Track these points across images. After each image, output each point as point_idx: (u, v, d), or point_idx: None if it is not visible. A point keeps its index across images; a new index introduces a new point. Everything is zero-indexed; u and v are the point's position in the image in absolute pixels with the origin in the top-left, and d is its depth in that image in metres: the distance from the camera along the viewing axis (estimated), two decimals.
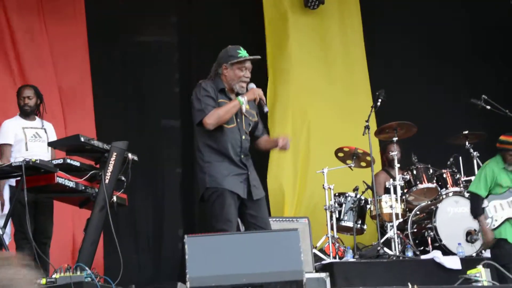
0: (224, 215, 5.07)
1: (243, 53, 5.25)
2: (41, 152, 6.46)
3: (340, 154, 8.01)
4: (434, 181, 7.77)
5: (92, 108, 8.10)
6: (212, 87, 5.21)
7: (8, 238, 6.21)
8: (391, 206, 7.52)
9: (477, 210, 6.54)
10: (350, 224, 7.64)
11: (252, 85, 5.32)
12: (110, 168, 5.79)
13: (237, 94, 5.30)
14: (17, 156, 6.36)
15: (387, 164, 8.29)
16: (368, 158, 7.79)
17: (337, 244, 7.43)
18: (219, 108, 5.15)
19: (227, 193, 5.11)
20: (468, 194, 6.94)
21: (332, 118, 8.95)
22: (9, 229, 6.28)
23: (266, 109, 5.32)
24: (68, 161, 5.73)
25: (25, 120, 6.65)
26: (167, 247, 8.47)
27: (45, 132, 6.67)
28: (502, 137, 6.57)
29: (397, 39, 9.43)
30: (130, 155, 5.93)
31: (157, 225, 8.55)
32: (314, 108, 8.92)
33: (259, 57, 5.43)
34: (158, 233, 8.53)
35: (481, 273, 5.54)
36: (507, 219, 6.41)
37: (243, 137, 5.26)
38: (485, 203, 6.51)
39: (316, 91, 9.02)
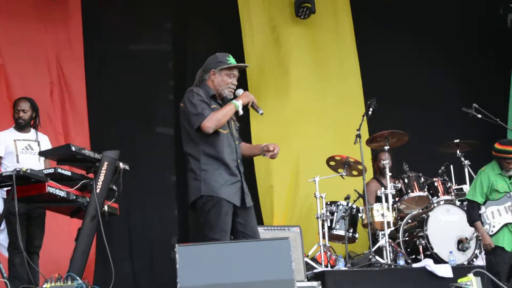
0: (219, 225, 5.04)
1: (232, 60, 5.29)
2: (32, 165, 6.41)
3: (332, 163, 8.03)
4: (426, 190, 7.78)
5: (86, 115, 8.10)
6: (204, 93, 5.21)
7: (5, 249, 6.24)
8: (382, 215, 7.53)
9: (473, 216, 6.55)
10: (341, 232, 7.65)
11: (241, 90, 5.33)
12: (101, 177, 5.80)
13: (223, 100, 5.30)
14: (8, 167, 6.34)
15: (378, 172, 8.30)
16: (360, 166, 7.80)
17: (328, 253, 7.44)
18: (216, 112, 5.14)
19: (224, 202, 5.08)
20: (465, 201, 6.94)
21: (324, 126, 8.98)
22: (7, 242, 6.29)
23: (260, 111, 5.30)
24: (59, 170, 5.74)
25: (19, 132, 6.67)
26: (160, 255, 8.46)
27: (38, 144, 6.67)
28: (497, 145, 6.59)
29: (389, 45, 9.46)
30: (121, 164, 5.94)
31: (150, 233, 8.55)
32: (306, 116, 8.94)
33: (248, 65, 5.50)
34: (151, 241, 8.53)
35: (472, 282, 5.53)
36: (505, 225, 6.42)
37: (236, 142, 5.27)
38: (482, 209, 6.51)
39: (307, 99, 9.04)
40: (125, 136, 8.47)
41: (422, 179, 7.81)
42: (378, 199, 7.76)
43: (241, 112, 5.25)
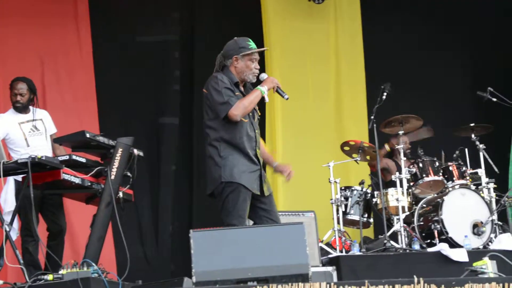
0: (236, 210, 5.04)
1: (253, 44, 5.26)
2: (41, 146, 6.44)
3: (346, 148, 8.01)
4: (440, 174, 7.75)
5: (96, 106, 8.15)
6: (228, 80, 5.18)
7: (15, 234, 6.21)
8: (397, 199, 7.51)
9: None
10: (356, 217, 7.66)
11: (265, 75, 5.31)
12: (116, 164, 5.81)
13: (245, 86, 5.29)
14: (22, 153, 6.30)
15: (397, 155, 8.22)
16: (374, 151, 7.78)
17: (343, 238, 7.44)
18: (243, 99, 5.13)
19: (242, 188, 5.07)
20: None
21: (336, 112, 9.02)
22: (17, 224, 6.28)
23: (286, 96, 5.27)
24: (74, 157, 5.75)
25: (20, 114, 6.54)
26: (161, 243, 8.54)
27: (42, 122, 6.62)
28: None
29: (399, 29, 9.43)
30: (135, 151, 5.95)
31: (153, 222, 8.61)
32: (318, 102, 8.97)
33: (267, 48, 5.44)
34: (154, 229, 8.59)
35: (487, 265, 5.52)
36: None
37: (256, 131, 5.26)
38: None
39: (317, 86, 9.07)
40: (130, 125, 8.51)
41: (437, 164, 7.79)
42: (393, 184, 7.73)
43: (267, 99, 5.23)
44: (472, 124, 7.92)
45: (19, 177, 6.05)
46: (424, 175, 7.73)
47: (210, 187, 5.18)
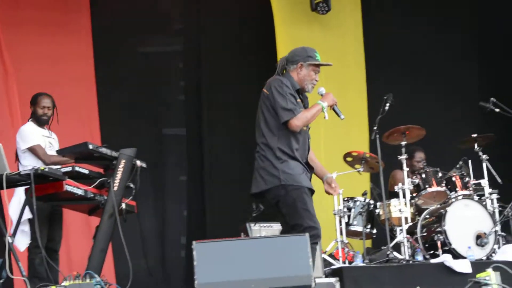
0: (311, 212, 5.08)
1: (319, 57, 5.34)
2: None
3: (349, 159, 8.02)
4: (443, 185, 7.74)
5: (98, 117, 8.14)
6: (291, 85, 5.23)
7: (28, 238, 6.19)
8: (400, 210, 7.50)
9: None
10: (359, 228, 7.65)
11: (323, 90, 5.37)
12: (119, 175, 5.82)
13: (302, 94, 5.34)
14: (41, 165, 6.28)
15: (410, 168, 8.18)
16: (377, 162, 7.77)
17: (346, 249, 7.43)
18: (306, 112, 5.21)
19: (307, 190, 5.13)
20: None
21: (339, 122, 9.00)
22: (28, 228, 6.24)
23: (342, 116, 5.34)
24: (77, 168, 5.75)
25: (40, 128, 6.61)
26: (171, 255, 8.52)
27: (55, 140, 6.68)
28: None
29: (402, 39, 9.43)
30: (138, 162, 5.95)
31: (161, 233, 8.59)
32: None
33: (332, 64, 5.49)
34: (161, 241, 8.57)
35: (490, 276, 5.51)
36: None
37: (309, 139, 5.34)
38: None
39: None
40: (137, 137, 8.51)
41: (440, 174, 7.77)
42: (395, 195, 7.73)
43: (327, 117, 5.28)
44: (474, 135, 7.91)
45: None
46: (427, 186, 7.72)
47: (259, 186, 5.18)
